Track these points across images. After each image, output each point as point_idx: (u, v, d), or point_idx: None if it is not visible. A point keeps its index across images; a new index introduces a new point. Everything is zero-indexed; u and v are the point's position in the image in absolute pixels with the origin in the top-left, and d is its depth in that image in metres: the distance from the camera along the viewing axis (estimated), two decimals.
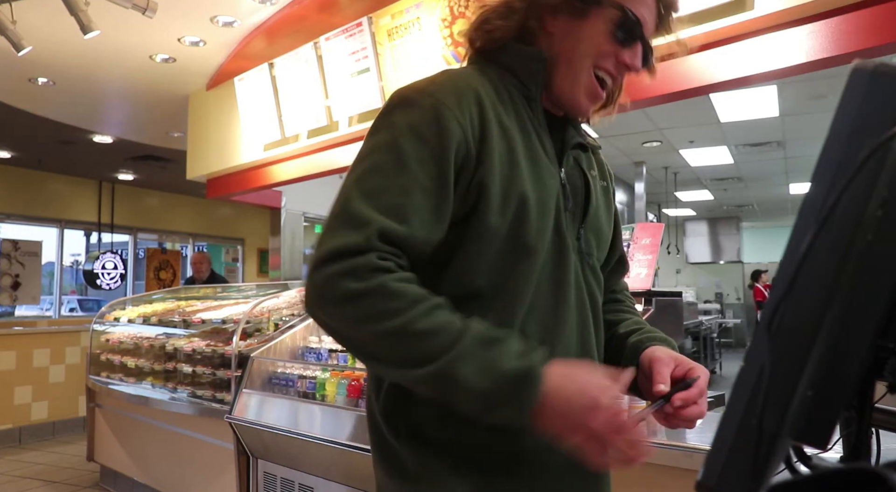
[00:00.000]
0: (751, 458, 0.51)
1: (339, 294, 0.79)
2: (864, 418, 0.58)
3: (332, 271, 0.80)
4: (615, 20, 0.93)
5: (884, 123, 0.49)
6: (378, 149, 0.87)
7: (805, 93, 5.30)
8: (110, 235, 8.54)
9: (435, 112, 0.86)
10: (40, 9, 3.46)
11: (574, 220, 0.98)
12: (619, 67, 0.97)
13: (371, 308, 0.79)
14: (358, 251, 0.80)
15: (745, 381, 0.52)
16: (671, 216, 11.91)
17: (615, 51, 0.95)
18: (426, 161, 0.85)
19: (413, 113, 0.87)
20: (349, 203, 0.83)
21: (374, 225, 0.81)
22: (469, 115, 0.88)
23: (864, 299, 0.49)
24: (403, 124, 0.86)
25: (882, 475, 0.43)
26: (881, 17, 2.08)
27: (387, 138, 0.87)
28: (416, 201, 0.84)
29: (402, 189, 0.83)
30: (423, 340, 0.78)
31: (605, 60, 0.95)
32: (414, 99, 0.88)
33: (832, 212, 0.49)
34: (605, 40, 0.94)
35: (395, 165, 0.85)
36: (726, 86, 2.54)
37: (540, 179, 0.92)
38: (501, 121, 0.91)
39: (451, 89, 0.89)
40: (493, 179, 0.87)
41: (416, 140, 0.85)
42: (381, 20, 3.33)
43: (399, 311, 0.79)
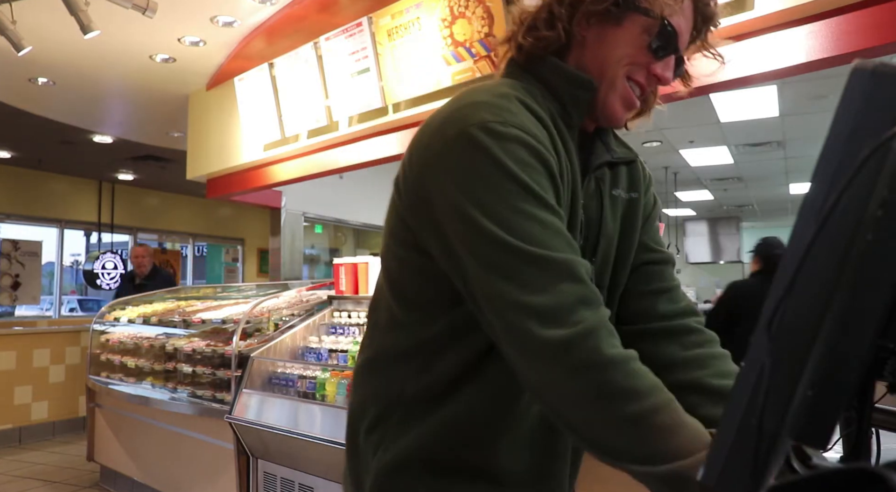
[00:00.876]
0: (751, 458, 0.51)
1: (590, 361, 0.70)
2: (864, 418, 0.58)
3: (583, 329, 0.70)
4: (652, 30, 0.89)
5: (884, 122, 0.49)
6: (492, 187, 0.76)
7: (805, 93, 5.30)
8: (110, 235, 8.54)
9: (530, 143, 0.79)
10: (40, 9, 3.46)
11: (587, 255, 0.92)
12: (650, 79, 0.93)
13: (617, 384, 0.69)
14: (594, 301, 0.73)
15: (745, 381, 0.52)
16: (671, 216, 11.91)
17: (648, 61, 0.91)
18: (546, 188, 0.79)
19: (511, 144, 0.78)
20: (523, 249, 0.73)
21: (578, 265, 0.75)
22: (549, 146, 0.83)
23: (864, 299, 0.49)
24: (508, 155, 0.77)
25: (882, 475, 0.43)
26: (881, 17, 2.08)
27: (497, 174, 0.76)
28: (565, 230, 0.79)
29: (554, 224, 0.77)
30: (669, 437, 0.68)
31: (637, 70, 0.92)
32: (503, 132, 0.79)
33: (832, 212, 0.49)
34: (640, 50, 0.90)
35: (532, 203, 0.77)
36: (726, 86, 2.54)
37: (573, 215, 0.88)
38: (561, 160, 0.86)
39: (529, 118, 0.83)
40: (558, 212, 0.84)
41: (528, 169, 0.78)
42: (381, 20, 3.33)
43: (647, 393, 0.69)
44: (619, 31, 0.90)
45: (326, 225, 8.28)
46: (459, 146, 0.78)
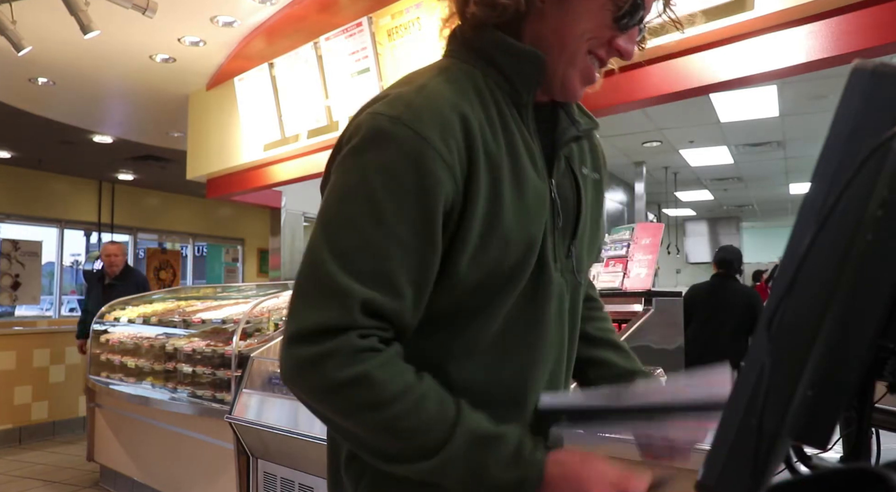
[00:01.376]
0: (751, 458, 0.51)
1: (320, 384, 0.73)
2: (864, 418, 0.58)
3: (308, 354, 0.72)
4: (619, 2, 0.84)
5: (884, 122, 0.49)
6: (348, 197, 0.75)
7: (805, 93, 5.30)
8: (110, 235, 8.54)
9: (415, 152, 0.73)
10: (40, 9, 3.46)
11: (564, 237, 0.90)
12: (611, 52, 0.88)
13: (353, 401, 0.73)
14: (337, 330, 0.72)
15: (746, 381, 0.52)
16: (671, 216, 11.91)
17: (612, 35, 0.86)
18: (407, 214, 0.73)
19: (389, 152, 0.74)
20: (322, 267, 0.73)
21: (355, 298, 0.72)
22: (457, 151, 0.76)
23: (864, 299, 0.49)
24: (377, 165, 0.74)
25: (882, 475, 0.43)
26: (881, 17, 2.08)
27: (357, 182, 0.75)
28: (399, 267, 0.74)
29: (382, 252, 0.73)
30: (411, 438, 0.73)
31: (599, 45, 0.86)
32: (389, 132, 0.74)
33: (832, 212, 0.49)
34: (604, 24, 0.84)
35: (370, 219, 0.73)
36: (726, 86, 2.54)
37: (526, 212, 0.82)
38: (488, 149, 0.80)
39: (434, 117, 0.76)
40: (473, 224, 0.77)
41: (392, 187, 0.73)
42: (381, 20, 3.33)
43: (383, 404, 0.72)
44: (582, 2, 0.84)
45: None
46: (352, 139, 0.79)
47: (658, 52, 2.51)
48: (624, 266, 2.41)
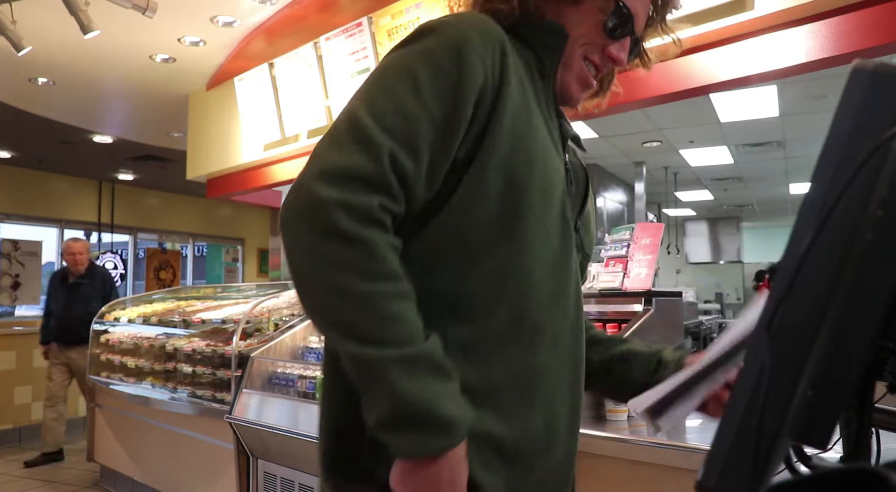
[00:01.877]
0: (751, 458, 0.51)
1: (325, 227, 0.72)
2: (864, 418, 0.58)
3: (327, 195, 0.72)
4: (607, 11, 0.89)
5: (884, 122, 0.49)
6: (390, 71, 0.80)
7: (805, 93, 5.30)
8: (110, 235, 8.54)
9: (457, 42, 0.79)
10: (40, 9, 3.46)
11: (573, 208, 0.93)
12: (605, 60, 0.93)
13: (350, 260, 0.72)
14: (366, 180, 0.73)
15: (746, 381, 0.52)
16: (671, 216, 11.91)
17: (604, 42, 0.91)
18: (441, 93, 0.77)
19: (432, 39, 0.80)
20: (358, 120, 0.75)
21: (385, 149, 0.74)
22: (492, 55, 0.81)
23: (864, 299, 0.49)
24: (421, 49, 0.79)
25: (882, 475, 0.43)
26: (881, 17, 2.08)
27: (401, 60, 0.80)
28: (426, 135, 0.77)
29: (413, 117, 0.76)
30: (384, 321, 0.72)
31: (593, 51, 0.91)
32: (434, 27, 0.81)
33: (832, 212, 0.49)
34: (596, 30, 0.90)
35: (408, 89, 0.77)
36: (726, 86, 2.54)
37: (549, 151, 0.85)
38: (521, 76, 0.85)
39: (478, 25, 0.82)
40: (502, 131, 0.80)
41: (432, 68, 0.78)
42: (381, 20, 3.33)
43: (375, 278, 0.72)
44: (575, 9, 0.90)
45: None
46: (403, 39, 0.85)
47: (657, 52, 2.51)
48: (624, 266, 2.41)
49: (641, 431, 1.95)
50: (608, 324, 2.32)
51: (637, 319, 2.26)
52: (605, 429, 1.93)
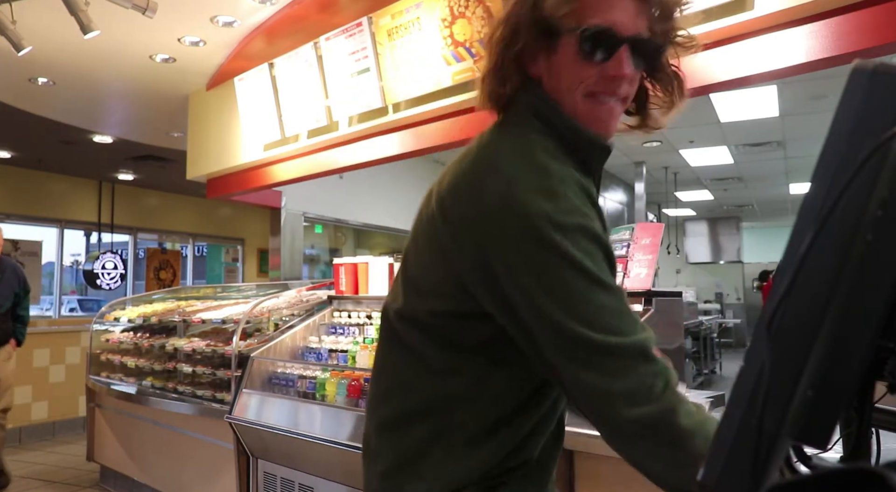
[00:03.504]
0: (751, 458, 0.51)
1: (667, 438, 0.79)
2: (864, 418, 0.58)
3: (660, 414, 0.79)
4: (577, 41, 0.88)
5: (884, 122, 0.49)
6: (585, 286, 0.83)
7: (805, 93, 5.30)
8: (110, 235, 8.54)
9: (593, 230, 0.85)
10: (40, 9, 3.46)
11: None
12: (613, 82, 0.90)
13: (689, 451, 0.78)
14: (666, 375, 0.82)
15: (745, 381, 0.52)
16: (671, 216, 11.91)
17: (597, 71, 0.89)
18: (613, 281, 0.86)
19: (578, 237, 0.83)
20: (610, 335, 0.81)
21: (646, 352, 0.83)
22: (597, 216, 0.89)
23: (864, 299, 0.49)
24: (581, 252, 0.82)
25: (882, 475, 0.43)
26: (881, 17, 2.07)
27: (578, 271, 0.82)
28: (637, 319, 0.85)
29: (628, 311, 0.84)
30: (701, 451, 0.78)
31: (593, 82, 0.89)
32: (565, 222, 0.83)
33: (832, 212, 0.49)
34: (580, 66, 0.89)
35: (610, 294, 0.83)
36: (726, 86, 2.54)
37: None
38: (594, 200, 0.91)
39: (573, 192, 0.86)
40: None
41: (600, 263, 0.84)
42: (381, 20, 3.33)
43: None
44: (558, 58, 0.90)
45: (326, 225, 8.28)
46: (529, 240, 0.82)
47: None
48: (624, 266, 2.41)
49: None
50: None
51: None
52: None
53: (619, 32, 0.87)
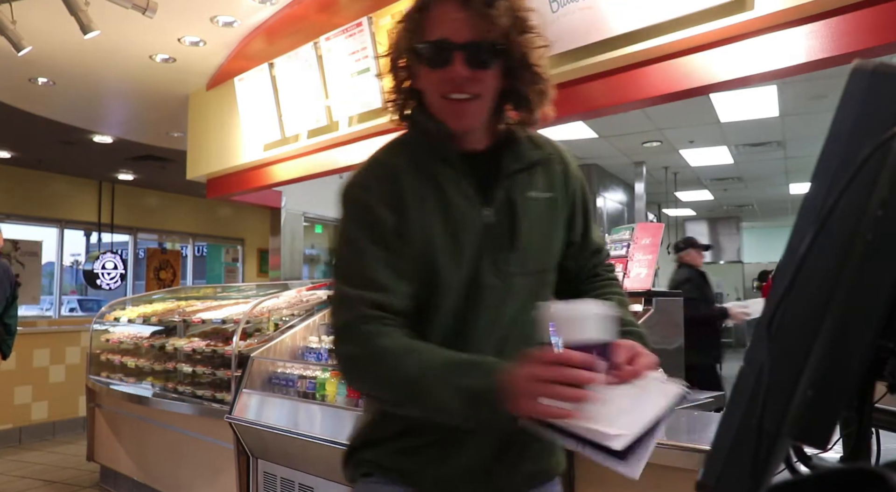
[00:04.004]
0: (751, 458, 0.50)
1: (352, 365, 1.05)
2: (865, 418, 0.58)
3: (339, 349, 1.07)
4: (424, 54, 1.08)
5: (884, 122, 0.49)
6: (342, 244, 1.12)
7: (805, 93, 5.30)
8: (110, 235, 8.54)
9: (365, 203, 1.09)
10: (40, 9, 3.46)
11: (503, 249, 1.12)
12: (454, 82, 1.07)
13: (371, 368, 1.02)
14: (352, 325, 1.04)
15: (745, 381, 0.52)
16: (671, 216, 11.90)
17: (443, 74, 1.07)
18: (376, 243, 1.07)
19: (352, 209, 1.11)
20: (337, 289, 1.09)
21: (359, 301, 1.04)
22: (389, 193, 1.10)
23: (863, 299, 0.49)
24: (350, 220, 1.11)
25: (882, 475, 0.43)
26: (881, 17, 2.07)
27: (343, 234, 1.12)
28: (380, 271, 1.06)
29: (367, 267, 1.06)
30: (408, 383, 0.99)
31: (442, 85, 1.08)
32: (350, 196, 1.12)
33: (832, 212, 0.48)
34: (431, 72, 1.09)
35: (355, 252, 1.09)
36: (726, 86, 2.54)
37: (455, 226, 1.10)
38: (415, 189, 1.10)
39: (374, 175, 1.12)
40: (412, 234, 1.08)
41: (365, 229, 1.08)
42: (381, 20, 3.32)
43: (387, 365, 1.01)
44: (422, 71, 1.11)
45: (326, 225, 8.27)
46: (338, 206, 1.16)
47: (658, 52, 2.51)
48: (624, 266, 2.41)
49: None
50: None
51: (637, 319, 2.25)
52: None
53: (451, 41, 1.06)
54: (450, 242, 1.10)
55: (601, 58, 2.60)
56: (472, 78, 1.07)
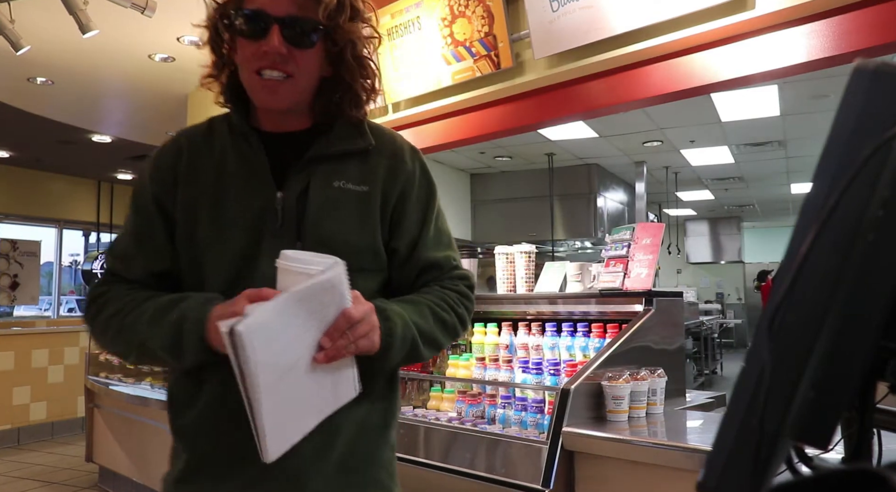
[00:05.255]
0: (751, 459, 0.50)
1: (91, 322, 1.09)
2: (866, 419, 0.58)
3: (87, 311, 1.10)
4: (238, 24, 1.04)
5: (885, 122, 0.49)
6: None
7: (806, 92, 5.30)
8: (109, 235, 8.54)
9: (142, 176, 1.13)
10: (39, 8, 3.45)
11: (289, 237, 1.06)
12: (267, 56, 1.02)
13: (101, 322, 1.06)
14: (92, 291, 1.11)
15: (746, 381, 0.51)
16: (672, 216, 11.90)
17: (257, 47, 1.02)
18: (136, 213, 1.11)
19: (139, 178, 1.15)
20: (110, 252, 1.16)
21: (109, 270, 1.12)
22: (166, 165, 1.11)
23: (865, 299, 0.49)
24: (134, 190, 1.14)
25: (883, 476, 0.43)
26: (883, 17, 2.07)
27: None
28: (127, 244, 1.10)
29: (122, 238, 1.12)
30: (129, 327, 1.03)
31: (255, 59, 1.03)
32: (139, 169, 1.17)
33: (833, 211, 0.48)
34: (244, 44, 1.04)
35: (125, 222, 1.14)
36: (727, 85, 2.53)
37: (227, 205, 1.06)
38: (194, 163, 1.10)
39: (164, 147, 1.14)
40: (181, 213, 1.08)
41: (134, 200, 1.12)
42: (381, 19, 3.32)
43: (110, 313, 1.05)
44: (237, 42, 1.07)
45: None
46: None
47: (658, 51, 2.51)
48: (624, 266, 2.41)
49: (642, 431, 1.95)
50: (609, 324, 2.32)
51: (638, 320, 2.26)
52: (605, 429, 1.93)
53: (268, 13, 1.01)
54: (217, 221, 1.06)
55: (601, 57, 2.60)
56: (287, 56, 1.02)
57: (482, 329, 2.59)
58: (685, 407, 2.37)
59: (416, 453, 2.24)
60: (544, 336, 2.44)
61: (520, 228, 7.60)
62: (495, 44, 2.86)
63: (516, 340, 2.49)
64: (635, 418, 2.04)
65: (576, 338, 2.36)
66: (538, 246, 3.05)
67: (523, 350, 2.43)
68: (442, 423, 2.29)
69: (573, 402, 1.95)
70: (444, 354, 2.62)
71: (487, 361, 2.52)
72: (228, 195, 1.07)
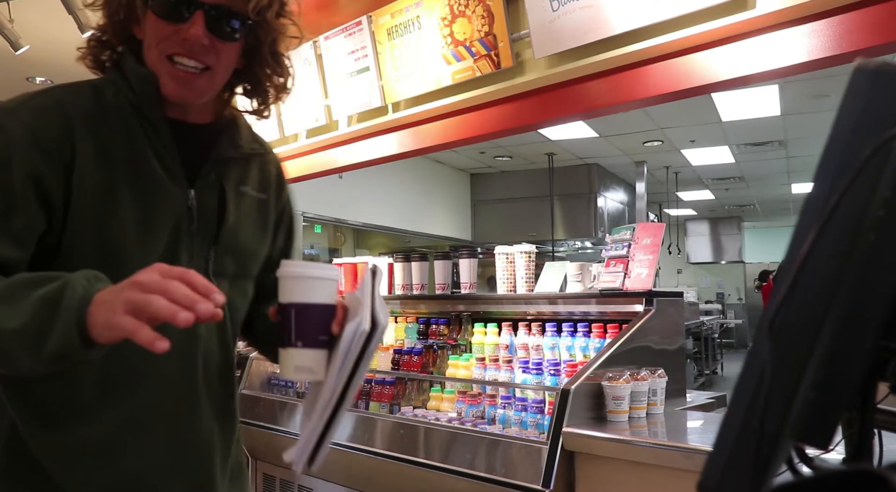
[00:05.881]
0: (752, 459, 0.50)
1: None
2: (867, 419, 0.57)
3: None
4: (157, 1, 0.92)
5: (886, 122, 0.49)
6: None
7: (807, 92, 5.30)
8: None
9: (3, 147, 0.89)
10: (38, 7, 3.46)
11: (204, 241, 0.99)
12: (186, 43, 0.92)
13: None
14: None
15: (747, 382, 0.51)
16: (672, 216, 11.90)
17: (175, 30, 0.92)
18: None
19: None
20: None
21: None
22: (51, 133, 0.90)
23: (866, 299, 0.49)
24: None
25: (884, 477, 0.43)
26: (883, 16, 2.07)
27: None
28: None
29: None
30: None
31: (170, 43, 0.93)
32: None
33: (834, 211, 0.48)
34: (158, 23, 0.93)
35: None
36: (727, 85, 2.53)
37: (146, 207, 0.94)
38: (101, 146, 0.92)
39: (34, 105, 0.95)
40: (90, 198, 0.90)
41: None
42: (381, 19, 3.32)
43: None
44: (147, 18, 0.94)
45: (326, 225, 8.28)
46: None
47: (658, 51, 2.50)
48: (625, 266, 2.41)
49: (643, 432, 1.95)
50: (609, 324, 2.32)
51: (638, 320, 2.25)
52: (605, 430, 1.93)
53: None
54: (141, 212, 0.93)
55: (601, 57, 2.60)
56: (209, 47, 0.93)
57: (482, 329, 2.59)
58: (685, 407, 2.37)
59: (416, 453, 2.23)
60: (544, 336, 2.44)
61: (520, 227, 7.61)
62: (495, 43, 2.86)
63: (516, 340, 2.49)
64: (636, 418, 2.04)
65: (576, 338, 2.36)
66: (538, 246, 3.05)
67: (523, 350, 2.43)
68: (442, 423, 2.29)
69: (573, 402, 1.95)
70: (444, 354, 2.62)
71: (487, 361, 2.52)
72: (147, 187, 0.94)
